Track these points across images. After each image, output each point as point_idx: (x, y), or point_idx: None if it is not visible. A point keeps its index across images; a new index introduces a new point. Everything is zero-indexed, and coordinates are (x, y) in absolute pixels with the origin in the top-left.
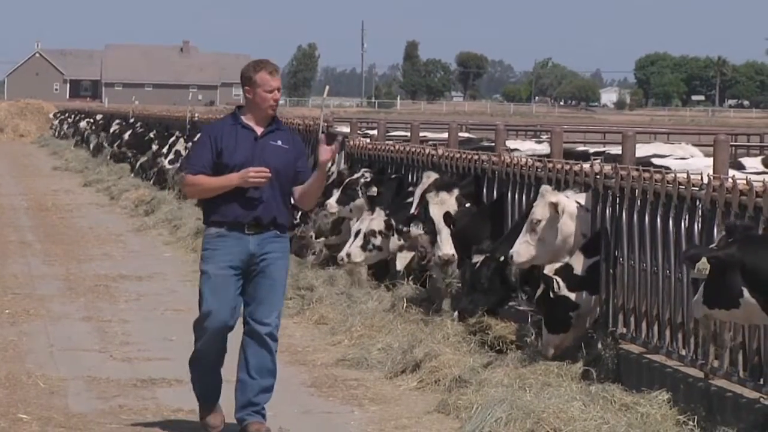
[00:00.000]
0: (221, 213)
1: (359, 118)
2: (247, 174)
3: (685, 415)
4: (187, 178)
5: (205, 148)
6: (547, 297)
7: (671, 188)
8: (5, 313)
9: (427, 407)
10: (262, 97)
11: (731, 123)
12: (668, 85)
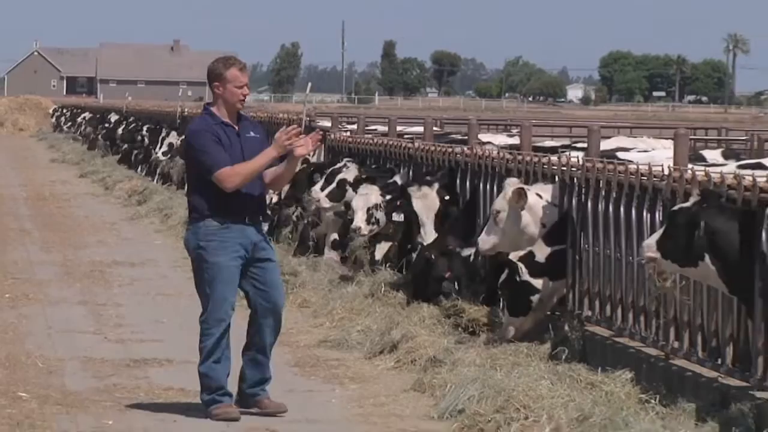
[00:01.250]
0: (223, 206)
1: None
2: (280, 140)
3: (647, 394)
4: (227, 171)
5: (217, 146)
6: (509, 282)
7: (634, 179)
8: (5, 297)
9: (404, 386)
10: (232, 92)
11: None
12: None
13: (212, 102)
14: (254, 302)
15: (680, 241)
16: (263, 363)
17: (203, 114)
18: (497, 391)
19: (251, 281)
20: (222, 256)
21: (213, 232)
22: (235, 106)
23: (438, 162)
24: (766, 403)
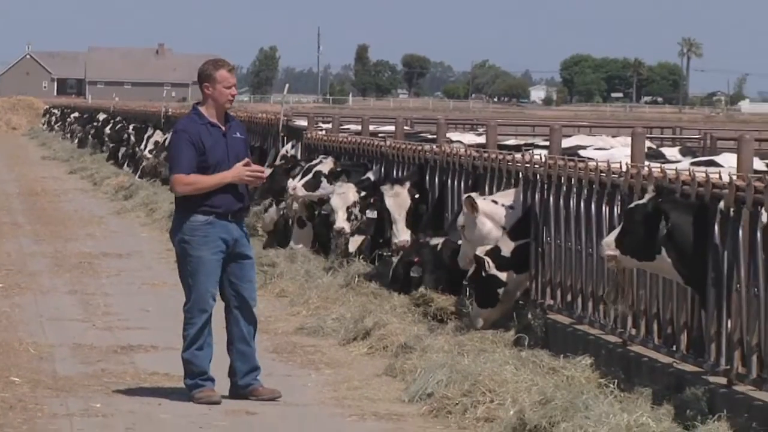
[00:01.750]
0: (210, 203)
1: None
2: (241, 174)
3: (605, 378)
4: (182, 178)
5: (188, 148)
6: (478, 276)
7: (594, 176)
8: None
9: (376, 371)
10: (221, 92)
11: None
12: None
13: (201, 102)
14: (227, 295)
15: (638, 236)
16: (249, 353)
17: (191, 113)
18: (464, 375)
19: (228, 275)
20: (204, 250)
21: (197, 227)
22: (223, 106)
23: (408, 159)
24: (718, 387)
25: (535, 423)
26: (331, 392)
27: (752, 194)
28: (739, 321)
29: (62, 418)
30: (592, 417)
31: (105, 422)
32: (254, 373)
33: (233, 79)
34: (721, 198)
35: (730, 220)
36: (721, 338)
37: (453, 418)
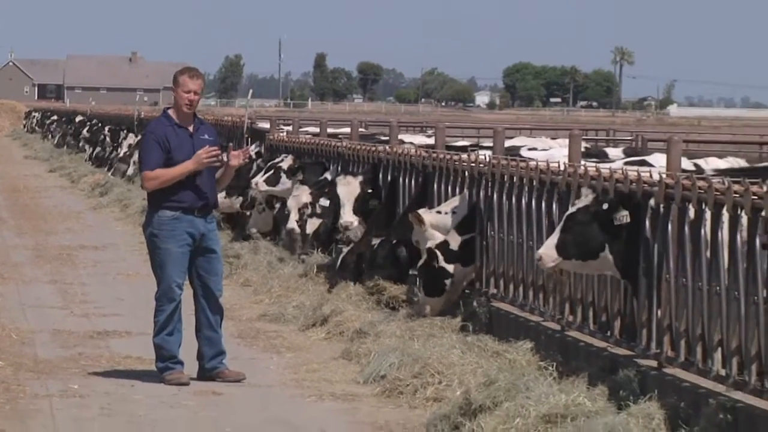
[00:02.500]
0: (176, 199)
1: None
2: (199, 157)
3: (545, 361)
4: (148, 174)
5: (155, 148)
6: (427, 267)
7: (534, 174)
8: None
9: (333, 354)
10: (180, 96)
11: (582, 120)
12: (531, 90)
13: (172, 105)
14: (195, 286)
15: (583, 238)
16: (215, 339)
17: (160, 116)
18: (415, 359)
19: (196, 268)
20: (171, 243)
21: (165, 222)
22: (181, 108)
23: (363, 159)
24: (649, 369)
25: (480, 403)
26: (291, 374)
27: (680, 191)
28: (668, 308)
29: (42, 398)
30: (533, 397)
31: (82, 402)
32: (220, 357)
33: (193, 85)
34: (652, 195)
35: (660, 215)
36: (652, 324)
37: (404, 398)
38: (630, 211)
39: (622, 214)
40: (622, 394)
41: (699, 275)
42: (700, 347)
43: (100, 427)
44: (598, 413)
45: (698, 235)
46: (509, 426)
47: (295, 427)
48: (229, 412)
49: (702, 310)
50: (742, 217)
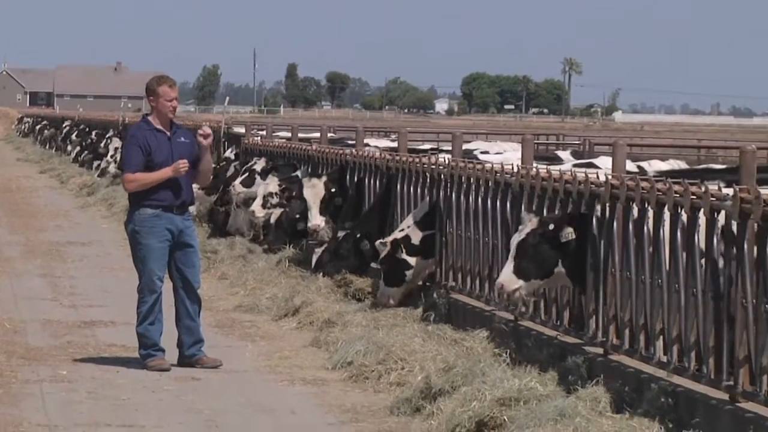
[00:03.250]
0: (156, 198)
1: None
2: (177, 167)
3: (499, 349)
4: (129, 176)
5: (136, 151)
6: (389, 259)
7: (489, 175)
8: None
9: (304, 342)
10: (163, 105)
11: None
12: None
13: (150, 112)
14: (175, 278)
15: (535, 261)
16: (194, 328)
17: (140, 122)
18: (379, 346)
19: (175, 261)
20: (152, 238)
21: (146, 219)
22: (166, 115)
23: (331, 161)
24: (596, 356)
25: (440, 387)
26: (265, 361)
27: (625, 192)
28: (613, 300)
29: (33, 383)
30: (488, 382)
31: (70, 387)
32: (199, 345)
33: (174, 93)
34: (599, 195)
35: (606, 213)
36: (599, 315)
37: (369, 383)
38: (574, 226)
39: (567, 231)
40: (571, 379)
41: (642, 269)
42: (643, 336)
43: (87, 409)
44: (549, 397)
45: (641, 232)
46: (466, 408)
47: (268, 410)
48: (207, 396)
49: (645, 302)
50: (682, 215)
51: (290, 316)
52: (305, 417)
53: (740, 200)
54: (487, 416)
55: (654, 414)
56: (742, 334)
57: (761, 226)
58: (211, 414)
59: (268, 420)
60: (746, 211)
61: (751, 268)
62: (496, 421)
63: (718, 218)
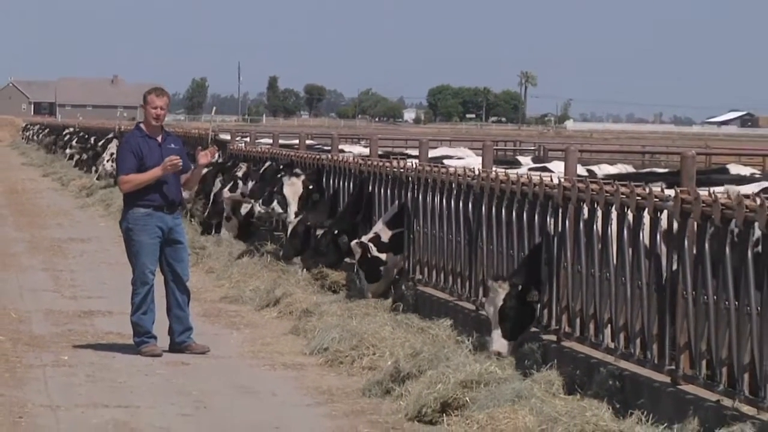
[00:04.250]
0: (148, 199)
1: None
2: (165, 165)
3: (462, 336)
4: (123, 178)
5: (129, 156)
6: (364, 258)
7: (453, 178)
8: None
9: (284, 330)
10: (149, 112)
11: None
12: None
13: (143, 120)
14: (165, 272)
15: (517, 320)
16: (183, 317)
17: (134, 129)
18: (353, 334)
19: (165, 256)
20: (144, 235)
21: (139, 218)
22: (151, 122)
23: (309, 165)
24: (550, 343)
25: (408, 370)
26: (248, 347)
27: (576, 193)
28: (566, 291)
29: (37, 368)
30: (452, 366)
31: (71, 371)
32: (188, 332)
33: (160, 102)
34: (552, 196)
35: (559, 214)
36: (552, 305)
37: (344, 367)
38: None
39: (533, 294)
40: (527, 364)
41: (592, 263)
42: (593, 324)
43: (86, 391)
44: (507, 380)
45: (591, 230)
46: (432, 390)
47: (251, 392)
48: (196, 379)
49: (594, 293)
50: (628, 215)
51: (271, 307)
52: (285, 398)
53: (681, 201)
54: (450, 397)
55: (603, 395)
56: (682, 323)
57: (700, 224)
58: (199, 395)
59: (251, 401)
60: (686, 211)
61: (690, 262)
62: (459, 401)
63: (660, 217)
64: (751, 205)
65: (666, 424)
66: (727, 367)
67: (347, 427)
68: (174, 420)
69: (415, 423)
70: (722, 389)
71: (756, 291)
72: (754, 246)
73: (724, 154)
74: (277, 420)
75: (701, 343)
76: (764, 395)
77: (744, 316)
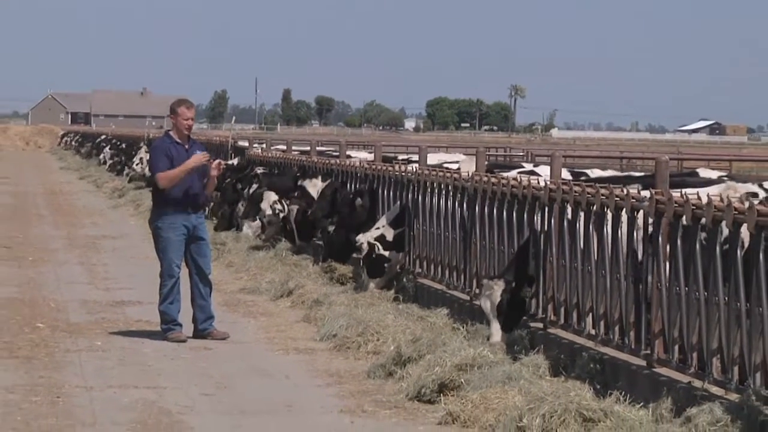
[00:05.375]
0: (175, 200)
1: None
2: (196, 159)
3: (457, 324)
4: (160, 174)
5: (162, 157)
6: (370, 255)
7: (449, 181)
8: (29, 260)
9: (296, 318)
10: (181, 123)
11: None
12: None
13: (171, 128)
14: (190, 266)
15: (512, 313)
16: (205, 306)
17: (163, 136)
18: (359, 322)
19: (190, 252)
20: (171, 233)
21: (166, 217)
22: (183, 132)
23: (319, 169)
24: (537, 329)
25: (408, 355)
26: (264, 334)
27: (560, 194)
28: (551, 283)
29: (73, 352)
30: (448, 350)
31: (104, 355)
32: (210, 320)
33: (190, 113)
34: (539, 197)
35: (545, 213)
36: (539, 295)
37: (351, 352)
38: (529, 284)
39: (527, 290)
40: (517, 349)
41: (575, 258)
42: (576, 313)
43: (117, 373)
44: (498, 363)
45: (574, 227)
46: (431, 373)
47: (267, 374)
48: (216, 363)
49: (577, 285)
50: (608, 214)
51: (285, 297)
52: (297, 380)
53: (656, 201)
54: (447, 379)
55: (585, 377)
56: (657, 312)
57: (672, 223)
58: (220, 377)
59: (267, 382)
60: (660, 210)
61: (664, 257)
62: (455, 383)
63: (637, 216)
64: (719, 206)
65: (642, 403)
66: (697, 352)
67: (354, 405)
68: (197, 399)
69: (415, 402)
70: (693, 372)
71: (724, 283)
72: (722, 244)
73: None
74: (290, 399)
75: (674, 330)
76: (731, 377)
77: (713, 306)
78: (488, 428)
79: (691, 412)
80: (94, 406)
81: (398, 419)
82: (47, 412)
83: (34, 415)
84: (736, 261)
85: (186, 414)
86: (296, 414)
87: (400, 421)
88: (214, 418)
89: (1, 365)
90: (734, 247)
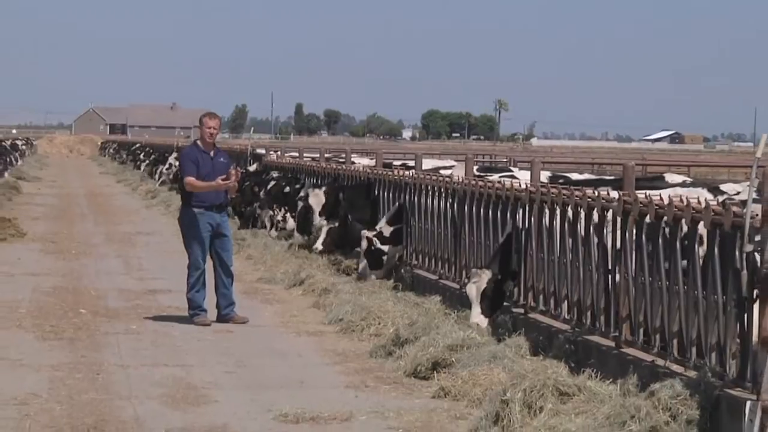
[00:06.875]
0: (201, 199)
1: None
2: (219, 183)
3: (449, 309)
4: (188, 179)
5: (190, 163)
6: (369, 249)
7: (441, 184)
8: (73, 253)
9: (308, 305)
10: (204, 131)
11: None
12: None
13: (199, 137)
14: (214, 259)
15: (493, 301)
16: (227, 294)
17: (192, 145)
18: (362, 308)
19: (215, 246)
20: (198, 230)
21: (193, 215)
22: (206, 140)
23: (328, 173)
24: (519, 314)
25: (406, 337)
26: (279, 318)
27: (539, 196)
28: (531, 274)
29: (112, 335)
30: (441, 333)
31: (138, 338)
32: (232, 307)
33: (212, 123)
34: (521, 198)
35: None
36: (521, 284)
37: (355, 334)
38: (512, 279)
39: (508, 284)
40: (501, 332)
41: (552, 251)
42: (553, 300)
43: (150, 354)
44: (485, 344)
45: (551, 225)
46: (425, 352)
47: (281, 354)
48: (238, 344)
49: (554, 275)
50: (581, 213)
51: (298, 286)
52: (308, 359)
53: (623, 202)
54: (440, 358)
55: (561, 357)
56: (624, 298)
57: (637, 220)
58: (240, 356)
59: (281, 361)
60: (627, 210)
61: (630, 250)
62: (446, 361)
63: (607, 215)
64: (679, 205)
65: (611, 380)
66: (659, 334)
67: (357, 381)
68: (220, 376)
69: (412, 378)
70: (656, 351)
71: (683, 274)
72: (682, 239)
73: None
74: (302, 376)
75: (639, 315)
76: (690, 356)
77: (673, 294)
78: (476, 401)
79: (654, 387)
80: (129, 382)
81: (397, 393)
82: (88, 387)
83: (77, 390)
84: (695, 254)
85: (210, 389)
86: (307, 388)
87: (398, 395)
88: (235, 392)
89: (48, 346)
90: (692, 242)
